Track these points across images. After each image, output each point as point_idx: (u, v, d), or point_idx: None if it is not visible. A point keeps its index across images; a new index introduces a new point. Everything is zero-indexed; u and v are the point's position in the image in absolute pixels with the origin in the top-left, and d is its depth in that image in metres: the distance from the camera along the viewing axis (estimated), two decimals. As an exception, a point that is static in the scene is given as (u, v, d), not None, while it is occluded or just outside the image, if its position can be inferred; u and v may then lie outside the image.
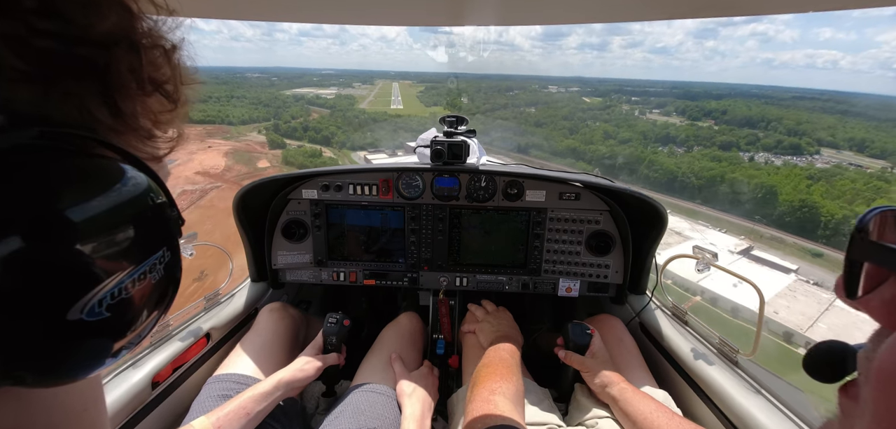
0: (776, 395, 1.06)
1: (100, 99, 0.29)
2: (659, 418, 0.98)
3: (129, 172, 0.30)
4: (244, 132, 79.11)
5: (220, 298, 1.53)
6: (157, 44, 0.33)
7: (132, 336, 0.31)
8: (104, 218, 0.27)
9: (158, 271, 0.31)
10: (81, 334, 0.26)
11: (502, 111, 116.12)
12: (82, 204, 0.25)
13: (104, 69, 0.29)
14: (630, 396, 1.06)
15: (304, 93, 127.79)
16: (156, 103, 0.34)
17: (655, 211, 1.42)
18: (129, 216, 0.29)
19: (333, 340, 1.31)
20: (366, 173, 1.57)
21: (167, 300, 0.34)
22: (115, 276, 0.27)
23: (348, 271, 1.68)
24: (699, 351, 1.26)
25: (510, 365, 1.05)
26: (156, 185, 0.32)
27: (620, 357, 1.32)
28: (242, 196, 1.47)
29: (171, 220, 0.34)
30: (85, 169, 0.27)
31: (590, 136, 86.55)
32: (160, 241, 0.32)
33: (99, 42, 0.28)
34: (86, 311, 0.26)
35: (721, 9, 0.98)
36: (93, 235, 0.26)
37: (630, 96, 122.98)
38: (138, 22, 0.31)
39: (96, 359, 0.29)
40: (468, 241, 1.65)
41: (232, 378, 1.19)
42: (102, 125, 0.30)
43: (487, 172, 1.54)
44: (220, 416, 0.98)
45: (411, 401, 1.13)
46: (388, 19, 1.19)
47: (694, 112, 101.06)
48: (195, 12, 0.99)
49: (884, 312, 0.31)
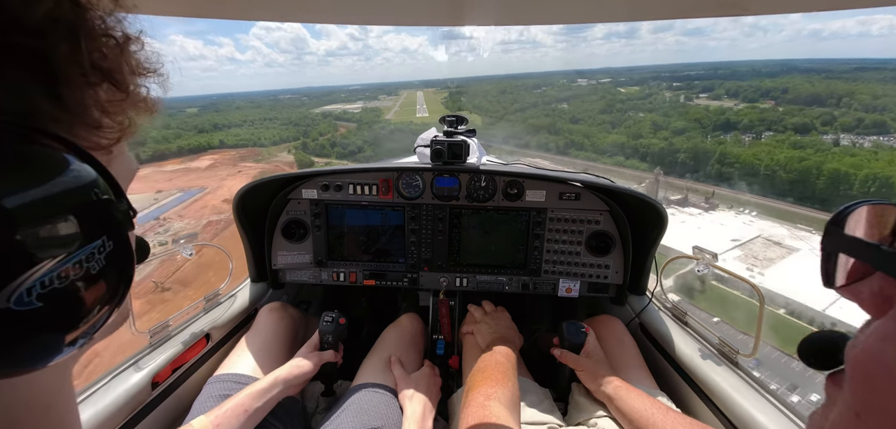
0: (776, 395, 1.06)
1: (39, 86, 0.29)
2: (655, 415, 0.98)
3: (67, 160, 0.29)
4: (274, 153, 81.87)
5: (219, 298, 1.53)
6: (107, 33, 0.32)
7: (82, 329, 0.30)
8: (32, 205, 0.26)
9: (98, 261, 0.30)
10: (13, 324, 0.26)
11: (533, 110, 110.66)
12: (8, 190, 0.25)
13: (41, 56, 0.28)
14: (624, 393, 1.07)
15: (332, 109, 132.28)
16: (105, 93, 0.33)
17: (655, 211, 1.42)
18: (60, 204, 0.28)
19: (330, 338, 1.31)
20: (366, 173, 1.57)
21: (119, 294, 0.33)
22: (44, 264, 0.26)
23: (348, 272, 1.68)
24: (699, 352, 1.25)
25: (506, 369, 1.05)
26: (100, 175, 0.31)
27: (620, 358, 1.32)
28: (242, 196, 1.47)
29: (117, 210, 0.33)
30: (14, 155, 0.26)
31: (636, 128, 78.04)
32: (98, 230, 0.31)
33: (34, 29, 0.27)
34: (13, 299, 0.25)
35: (721, 8, 0.98)
36: (18, 222, 0.25)
37: (671, 82, 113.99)
38: (83, 11, 0.30)
39: (41, 351, 0.29)
40: (468, 241, 1.65)
41: (232, 378, 1.19)
42: (43, 114, 0.29)
43: (487, 172, 1.53)
44: (219, 414, 0.99)
45: (412, 402, 1.13)
46: (389, 19, 1.19)
47: (749, 93, 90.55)
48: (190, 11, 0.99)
49: (871, 302, 0.31)
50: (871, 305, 0.31)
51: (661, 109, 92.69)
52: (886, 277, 0.30)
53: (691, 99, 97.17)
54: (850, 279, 0.32)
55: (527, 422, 1.10)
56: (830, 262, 0.33)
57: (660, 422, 0.96)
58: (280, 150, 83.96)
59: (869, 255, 0.29)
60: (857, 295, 0.32)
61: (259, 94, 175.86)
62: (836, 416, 0.32)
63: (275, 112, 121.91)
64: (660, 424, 0.95)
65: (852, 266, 0.32)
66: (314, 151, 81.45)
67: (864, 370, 0.29)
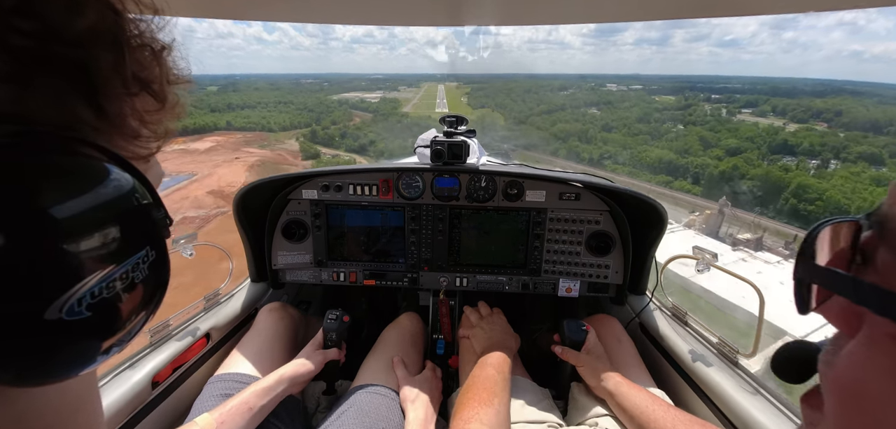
0: (776, 395, 1.06)
1: (82, 98, 0.29)
2: (655, 411, 0.98)
3: (111, 170, 0.30)
4: (282, 139, 77.52)
5: (220, 298, 1.53)
6: (144, 43, 0.32)
7: (120, 335, 0.31)
8: (82, 216, 0.26)
9: (142, 271, 0.31)
10: (62, 334, 0.26)
11: (561, 113, 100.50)
12: (59, 202, 0.25)
13: (84, 68, 0.28)
14: (625, 390, 1.07)
15: (350, 97, 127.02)
16: (143, 103, 0.33)
17: (655, 211, 1.42)
18: (109, 215, 0.28)
19: (334, 336, 1.32)
20: (366, 174, 1.57)
21: (155, 301, 0.34)
22: (95, 275, 0.27)
23: (348, 272, 1.68)
24: (699, 352, 1.26)
25: (495, 383, 1.03)
26: (140, 184, 0.32)
27: (619, 357, 1.32)
28: (242, 196, 1.47)
29: (157, 220, 0.34)
30: (62, 167, 0.27)
31: (683, 144, 67.57)
32: (143, 240, 0.31)
33: (77, 41, 0.28)
34: (65, 310, 0.26)
35: (727, 8, 0.98)
36: (70, 234, 0.26)
37: (708, 94, 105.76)
38: (123, 21, 0.31)
39: (82, 359, 0.29)
40: (468, 241, 1.65)
41: (232, 378, 1.19)
42: (85, 124, 0.30)
43: (487, 172, 1.53)
44: (224, 412, 0.98)
45: (415, 406, 1.12)
46: (389, 19, 1.19)
47: (798, 112, 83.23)
48: (194, 12, 0.99)
49: (842, 318, 0.31)
50: (843, 322, 0.31)
51: (705, 122, 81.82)
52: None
53: (734, 114, 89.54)
54: (819, 300, 0.32)
55: (526, 421, 1.11)
56: (803, 290, 0.33)
57: (660, 418, 0.96)
58: (289, 136, 79.91)
59: (847, 289, 0.28)
60: (828, 312, 0.32)
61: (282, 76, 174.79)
62: None
63: (292, 96, 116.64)
64: (660, 420, 0.96)
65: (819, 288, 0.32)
66: (323, 140, 75.55)
67: (847, 398, 0.29)
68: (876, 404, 0.26)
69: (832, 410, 0.30)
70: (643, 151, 69.25)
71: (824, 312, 0.32)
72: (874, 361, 0.27)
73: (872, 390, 0.27)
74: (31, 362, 0.26)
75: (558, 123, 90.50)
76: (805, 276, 0.32)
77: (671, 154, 65.51)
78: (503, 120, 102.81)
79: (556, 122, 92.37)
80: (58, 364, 0.27)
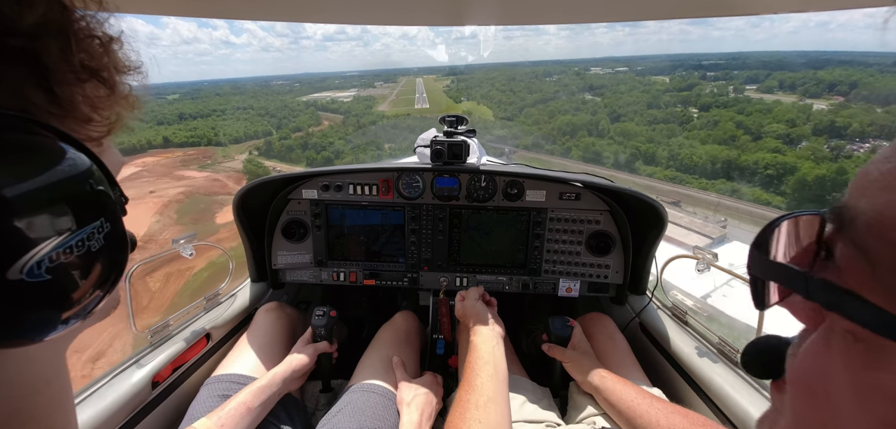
0: None
1: (34, 84, 0.32)
2: (640, 404, 0.98)
3: (65, 148, 0.32)
4: (232, 154, 64.16)
5: (220, 298, 1.53)
6: (92, 34, 0.35)
7: (78, 308, 0.33)
8: (39, 187, 0.29)
9: (97, 240, 0.33)
10: (24, 295, 0.28)
11: (555, 102, 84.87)
12: (16, 174, 0.27)
13: (35, 56, 0.31)
14: (610, 384, 1.07)
15: (320, 98, 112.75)
16: (93, 89, 0.36)
17: (655, 211, 1.42)
18: (65, 187, 0.31)
19: (322, 331, 1.33)
20: (366, 173, 1.57)
21: (111, 278, 0.36)
22: (52, 239, 0.29)
23: (348, 271, 1.68)
24: (699, 351, 1.25)
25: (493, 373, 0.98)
26: (94, 163, 0.34)
27: (612, 355, 1.32)
28: (242, 196, 1.47)
29: (113, 197, 0.36)
30: (19, 144, 0.29)
31: (720, 132, 54.07)
32: (98, 211, 0.34)
33: (28, 32, 0.30)
34: (25, 271, 0.28)
35: (721, 8, 0.98)
36: (30, 201, 0.28)
37: (702, 71, 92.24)
38: (70, 14, 0.33)
39: (43, 323, 0.31)
40: (468, 241, 1.65)
41: (231, 378, 1.19)
42: (39, 108, 0.32)
43: (487, 172, 1.53)
44: (222, 415, 0.98)
45: (410, 409, 1.12)
46: (389, 19, 1.19)
47: (809, 86, 69.76)
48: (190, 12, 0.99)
49: (805, 311, 0.31)
50: (806, 317, 0.31)
51: (723, 103, 66.41)
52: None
53: (742, 91, 74.32)
54: (782, 297, 0.32)
55: (525, 420, 1.11)
56: (758, 286, 0.33)
57: (644, 409, 0.96)
58: (240, 149, 66.57)
59: (798, 284, 0.28)
60: (792, 307, 0.32)
61: (250, 79, 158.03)
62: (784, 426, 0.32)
63: (255, 100, 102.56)
64: (645, 412, 0.96)
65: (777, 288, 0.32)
66: (279, 153, 60.48)
67: (804, 391, 0.29)
68: (828, 397, 0.26)
69: (790, 400, 0.31)
70: (677, 145, 53.12)
71: (789, 307, 0.32)
72: (829, 355, 0.27)
73: (826, 383, 0.27)
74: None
75: (557, 115, 75.24)
76: (758, 272, 0.32)
77: (721, 148, 49.29)
78: (492, 114, 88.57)
79: (555, 112, 77.47)
80: (21, 325, 0.30)
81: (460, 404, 0.89)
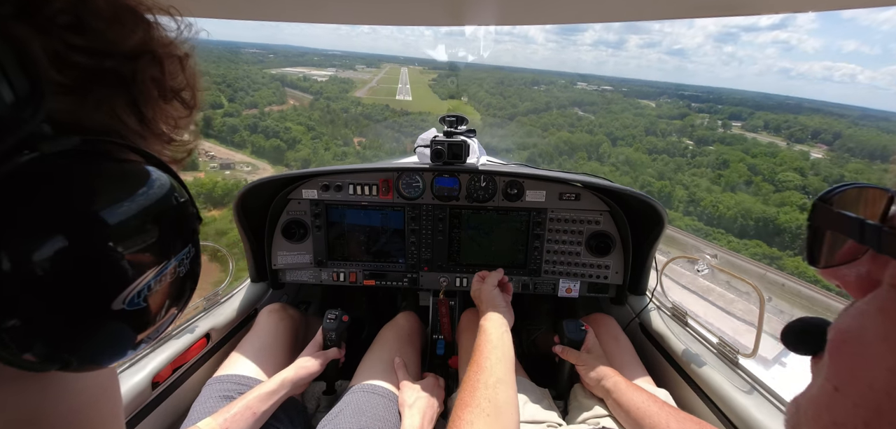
0: (776, 395, 1.06)
1: (127, 107, 0.32)
2: (650, 408, 0.99)
3: (157, 173, 0.32)
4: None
5: (219, 298, 1.53)
6: (172, 53, 0.35)
7: (153, 329, 0.33)
8: (143, 216, 0.29)
9: (185, 266, 0.34)
10: (122, 323, 0.29)
11: (548, 114, 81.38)
12: (125, 203, 0.28)
13: (131, 79, 0.31)
14: (624, 387, 1.08)
15: (291, 72, 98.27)
16: (174, 109, 0.37)
17: (655, 212, 1.42)
18: (162, 214, 0.31)
19: (333, 336, 1.31)
20: (366, 173, 1.57)
21: (186, 296, 0.37)
22: (153, 269, 0.30)
23: (348, 272, 1.68)
24: (699, 351, 1.25)
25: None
26: (178, 185, 0.35)
27: (617, 356, 1.33)
28: (242, 196, 1.47)
29: (193, 217, 0.37)
30: (123, 172, 0.30)
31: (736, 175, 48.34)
32: (188, 237, 0.35)
33: (126, 55, 0.31)
34: (128, 301, 0.28)
35: (720, 9, 0.97)
36: (135, 232, 0.28)
37: (687, 102, 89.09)
38: (157, 34, 0.34)
39: (129, 347, 0.32)
40: (468, 241, 1.64)
41: (232, 379, 1.19)
42: (131, 131, 0.33)
43: (487, 172, 1.53)
44: (227, 417, 0.98)
45: (412, 411, 1.11)
46: (388, 19, 1.19)
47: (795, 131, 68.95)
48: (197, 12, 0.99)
49: (857, 285, 0.32)
50: (857, 288, 0.32)
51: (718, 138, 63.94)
52: (874, 260, 0.30)
53: (729, 127, 73.40)
54: (839, 261, 0.32)
55: (526, 421, 1.11)
56: (816, 239, 0.34)
57: (655, 416, 0.97)
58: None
59: (854, 230, 0.29)
60: (843, 278, 0.32)
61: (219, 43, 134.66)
62: (815, 391, 0.33)
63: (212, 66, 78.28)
64: (655, 417, 0.96)
65: (842, 250, 0.32)
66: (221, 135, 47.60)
67: (841, 345, 0.30)
68: (862, 343, 0.27)
69: (826, 362, 0.31)
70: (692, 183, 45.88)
71: (839, 277, 0.33)
72: (869, 309, 0.28)
73: (862, 333, 0.27)
74: (95, 348, 0.29)
75: (552, 129, 70.33)
76: (821, 223, 0.33)
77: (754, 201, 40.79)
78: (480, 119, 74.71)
79: (548, 126, 72.81)
80: (113, 351, 0.30)
81: (469, 383, 0.88)
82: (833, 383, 0.30)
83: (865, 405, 0.26)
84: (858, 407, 0.27)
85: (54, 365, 0.28)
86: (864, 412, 0.26)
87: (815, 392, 0.33)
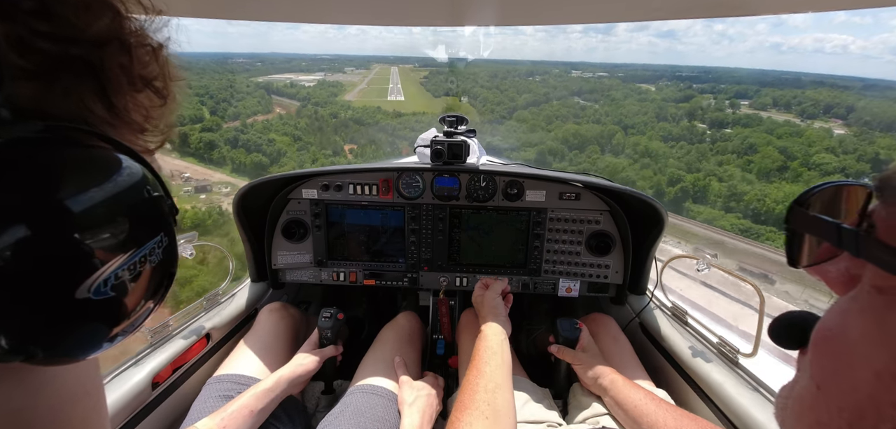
0: (776, 394, 1.06)
1: (95, 95, 0.31)
2: (648, 406, 0.99)
3: (127, 161, 0.32)
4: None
5: (220, 298, 1.53)
6: (144, 42, 0.35)
7: (128, 323, 0.33)
8: (108, 203, 0.29)
9: (157, 256, 0.33)
10: (89, 312, 0.28)
11: (548, 106, 74.72)
12: (88, 191, 0.27)
13: (98, 67, 0.31)
14: (621, 385, 1.08)
15: (277, 79, 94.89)
16: (146, 99, 0.36)
17: (655, 211, 1.42)
18: (130, 201, 0.31)
19: (329, 334, 1.32)
20: (366, 173, 1.57)
21: (162, 291, 0.36)
22: (119, 257, 0.29)
23: (348, 271, 1.68)
24: (699, 351, 1.26)
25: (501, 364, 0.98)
26: (151, 174, 0.34)
27: (616, 355, 1.33)
28: (242, 196, 1.47)
29: (167, 208, 0.36)
30: (87, 159, 0.29)
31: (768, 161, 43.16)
32: (158, 226, 0.34)
33: (93, 42, 0.30)
34: (93, 290, 0.28)
35: (720, 9, 0.98)
36: (98, 219, 0.28)
37: (687, 83, 79.98)
38: (127, 23, 0.33)
39: (100, 339, 0.31)
40: (468, 241, 1.65)
41: (232, 379, 1.19)
42: (98, 119, 0.32)
43: (487, 172, 1.53)
44: (225, 416, 0.98)
45: (411, 411, 1.11)
46: (388, 19, 1.19)
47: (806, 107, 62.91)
48: (193, 12, 0.99)
49: (839, 282, 0.32)
50: (839, 284, 0.32)
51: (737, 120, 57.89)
52: (853, 258, 0.30)
53: (738, 107, 65.18)
54: (818, 260, 0.33)
55: (526, 421, 1.11)
56: (794, 242, 0.34)
57: (653, 413, 0.97)
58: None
59: (831, 234, 0.29)
60: (825, 275, 0.33)
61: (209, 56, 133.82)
62: (799, 389, 0.33)
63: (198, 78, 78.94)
64: (653, 415, 0.97)
65: (821, 248, 0.33)
66: (197, 151, 43.25)
67: (823, 343, 0.30)
68: (845, 341, 0.28)
69: (810, 358, 0.32)
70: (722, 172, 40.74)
71: (821, 274, 0.33)
72: (851, 308, 0.28)
73: (845, 331, 0.28)
74: (60, 339, 0.28)
75: (556, 122, 64.01)
76: (797, 226, 0.34)
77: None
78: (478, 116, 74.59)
79: (552, 118, 66.71)
80: (82, 342, 0.29)
81: (469, 386, 0.90)
82: (816, 382, 0.30)
83: (849, 408, 0.27)
84: (842, 410, 0.27)
85: (18, 356, 0.28)
86: (849, 415, 0.27)
87: (798, 390, 0.33)
